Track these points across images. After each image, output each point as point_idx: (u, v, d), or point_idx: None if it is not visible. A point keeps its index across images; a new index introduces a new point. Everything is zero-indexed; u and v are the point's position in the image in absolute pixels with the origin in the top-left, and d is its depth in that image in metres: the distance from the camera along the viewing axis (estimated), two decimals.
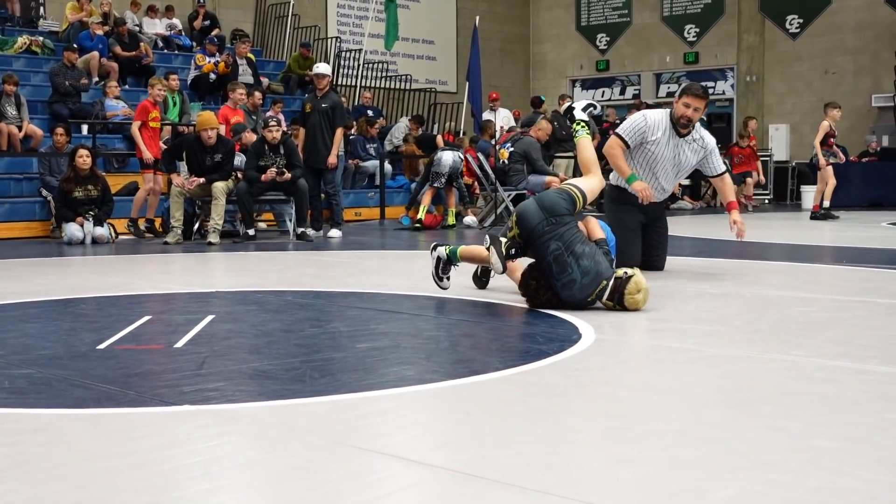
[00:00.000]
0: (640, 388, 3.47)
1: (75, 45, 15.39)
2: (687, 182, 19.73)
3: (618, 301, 5.19)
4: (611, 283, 5.20)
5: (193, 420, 3.03)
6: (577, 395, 3.38)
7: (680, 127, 6.81)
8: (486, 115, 16.54)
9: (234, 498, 2.35)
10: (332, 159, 11.66)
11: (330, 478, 2.47)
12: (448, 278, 5.96)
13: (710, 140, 7.06)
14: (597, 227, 5.61)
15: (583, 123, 6.18)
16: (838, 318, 5.04)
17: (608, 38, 25.25)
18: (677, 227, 13.13)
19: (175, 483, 2.43)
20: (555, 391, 3.42)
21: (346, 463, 2.60)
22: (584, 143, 6.10)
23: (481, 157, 13.94)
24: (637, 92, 24.36)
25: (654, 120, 6.90)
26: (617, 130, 7.06)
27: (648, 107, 20.65)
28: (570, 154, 17.35)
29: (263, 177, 10.94)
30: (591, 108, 6.33)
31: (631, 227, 7.03)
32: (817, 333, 4.59)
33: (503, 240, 5.45)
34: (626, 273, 5.23)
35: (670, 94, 24.25)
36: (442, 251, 5.93)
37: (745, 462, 2.56)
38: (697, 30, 23.85)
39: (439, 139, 15.96)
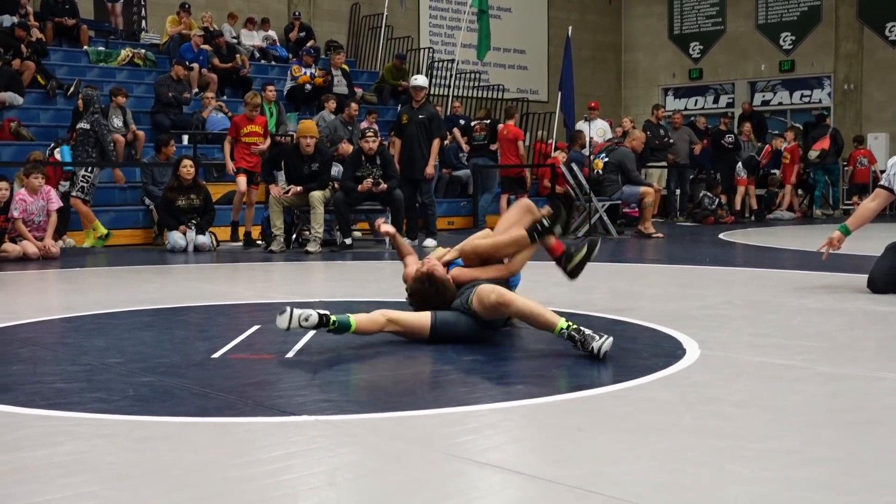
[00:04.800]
0: (749, 405, 3.47)
1: (186, 61, 15.81)
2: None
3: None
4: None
5: (312, 431, 3.12)
6: (686, 411, 3.40)
7: None
8: (581, 125, 16.52)
9: None
10: (429, 170, 11.80)
11: (450, 491, 2.54)
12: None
13: None
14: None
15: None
16: None
17: (701, 47, 25.03)
18: (775, 238, 12.98)
19: (302, 494, 2.52)
20: (664, 408, 3.45)
21: (465, 478, 2.67)
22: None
23: (575, 167, 13.94)
24: (731, 100, 24.10)
25: None
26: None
27: (753, 111, 20.40)
28: (663, 164, 17.29)
29: (360, 187, 11.10)
30: None
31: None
32: None
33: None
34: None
35: (765, 103, 23.96)
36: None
37: (861, 483, 2.56)
38: (793, 38, 23.50)
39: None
